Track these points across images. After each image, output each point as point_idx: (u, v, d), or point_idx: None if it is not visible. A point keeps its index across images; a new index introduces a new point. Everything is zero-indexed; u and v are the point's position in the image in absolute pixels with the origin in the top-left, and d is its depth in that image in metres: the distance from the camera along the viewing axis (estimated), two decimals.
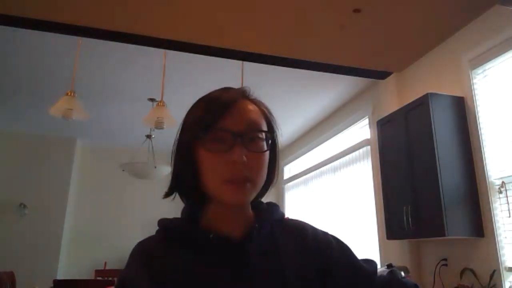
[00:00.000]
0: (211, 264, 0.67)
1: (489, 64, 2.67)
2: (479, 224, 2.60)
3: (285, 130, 5.21)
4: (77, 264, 5.60)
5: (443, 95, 2.83)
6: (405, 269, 2.88)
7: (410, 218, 2.80)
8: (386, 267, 2.98)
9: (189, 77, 3.81)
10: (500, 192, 2.53)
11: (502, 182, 2.52)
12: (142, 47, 3.12)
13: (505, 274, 2.44)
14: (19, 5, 2.62)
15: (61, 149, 5.75)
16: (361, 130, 4.23)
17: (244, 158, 0.65)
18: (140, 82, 3.96)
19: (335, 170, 4.66)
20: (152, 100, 4.22)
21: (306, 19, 2.78)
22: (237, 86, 0.77)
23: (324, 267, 0.73)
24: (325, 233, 0.80)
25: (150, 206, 4.97)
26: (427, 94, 2.80)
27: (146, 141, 4.50)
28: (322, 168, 4.95)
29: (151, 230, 0.75)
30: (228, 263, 0.68)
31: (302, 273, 0.71)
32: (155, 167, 4.18)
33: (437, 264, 2.89)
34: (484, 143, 2.66)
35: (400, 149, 3.01)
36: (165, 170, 4.25)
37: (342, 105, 4.52)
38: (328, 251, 0.76)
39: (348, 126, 4.44)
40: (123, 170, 4.40)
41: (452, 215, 2.56)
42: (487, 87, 2.70)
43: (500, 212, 2.54)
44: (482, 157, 2.65)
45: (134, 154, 4.65)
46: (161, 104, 3.31)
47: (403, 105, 3.10)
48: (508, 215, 2.46)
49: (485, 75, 2.73)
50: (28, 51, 3.44)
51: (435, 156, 2.66)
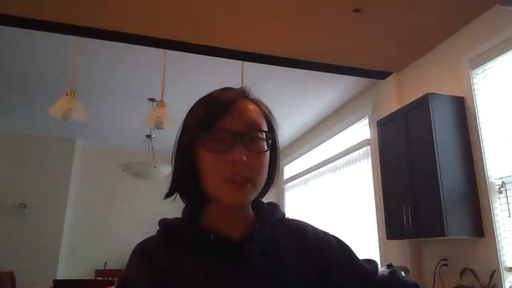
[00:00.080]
0: (211, 264, 0.67)
1: (489, 64, 2.67)
2: (479, 224, 2.60)
3: (285, 130, 5.20)
4: (77, 264, 5.60)
5: (443, 95, 2.83)
6: (405, 269, 2.88)
7: (410, 218, 2.80)
8: (386, 267, 2.98)
9: (189, 77, 3.81)
10: (500, 192, 2.53)
11: (502, 182, 2.52)
12: (142, 47, 3.12)
13: (505, 274, 2.44)
14: (19, 5, 2.62)
15: (61, 149, 5.75)
16: (361, 130, 4.23)
17: (244, 158, 0.65)
18: (140, 82, 3.96)
19: (335, 170, 4.66)
20: (152, 100, 4.22)
21: (306, 19, 2.79)
22: (237, 86, 0.77)
23: (324, 267, 0.73)
24: (326, 233, 0.80)
25: (150, 206, 4.98)
26: (427, 94, 2.80)
27: (146, 141, 4.50)
28: (322, 168, 4.95)
29: (151, 230, 0.75)
30: (228, 263, 0.68)
31: (302, 273, 0.71)
32: (155, 167, 4.18)
33: (437, 264, 2.89)
34: (484, 143, 2.66)
35: (400, 149, 3.01)
36: (165, 170, 4.25)
37: (342, 105, 4.52)
38: (328, 251, 0.76)
39: (348, 126, 4.44)
40: (123, 170, 4.40)
41: (452, 215, 2.56)
42: (487, 87, 2.70)
43: (500, 212, 2.54)
44: (482, 157, 2.65)
45: (134, 154, 4.65)
46: (161, 104, 3.31)
47: (403, 105, 3.10)
48: (508, 215, 2.46)
49: (485, 75, 2.73)
50: (28, 51, 3.44)
51: (435, 156, 2.66)
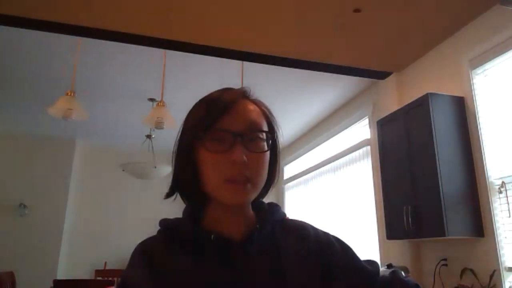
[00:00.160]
0: (212, 265, 0.67)
1: (489, 64, 2.67)
2: (479, 224, 2.60)
3: (285, 130, 5.20)
4: (77, 264, 5.60)
5: (443, 95, 2.83)
6: (405, 269, 2.88)
7: (410, 218, 2.80)
8: (386, 267, 2.98)
9: (189, 77, 3.81)
10: (500, 192, 2.53)
11: (502, 182, 2.52)
12: (142, 47, 3.12)
13: (505, 274, 2.44)
14: (19, 5, 2.62)
15: (61, 149, 5.75)
16: (361, 130, 4.23)
17: (244, 158, 0.65)
18: (140, 82, 3.96)
19: (335, 170, 4.66)
20: (152, 100, 4.22)
21: (306, 19, 2.78)
22: (237, 86, 0.77)
23: (325, 268, 0.73)
24: (327, 234, 0.80)
25: (150, 206, 4.97)
26: (427, 94, 2.80)
27: (146, 141, 4.50)
28: (322, 168, 4.95)
29: (151, 230, 0.75)
30: (229, 263, 0.68)
31: (303, 274, 0.71)
32: (155, 167, 4.18)
33: (437, 264, 2.89)
34: (484, 143, 2.66)
35: (400, 149, 3.01)
36: (165, 170, 4.26)
37: (342, 105, 4.52)
38: (329, 251, 0.76)
39: (348, 126, 4.44)
40: (123, 170, 4.40)
41: (452, 215, 2.56)
42: (487, 87, 2.70)
43: (500, 212, 2.54)
44: (482, 157, 2.65)
45: (134, 154, 4.65)
46: (161, 104, 3.31)
47: (403, 105, 3.10)
48: (508, 215, 2.46)
49: (485, 75, 2.73)
50: (28, 51, 3.43)
51: (435, 156, 2.66)
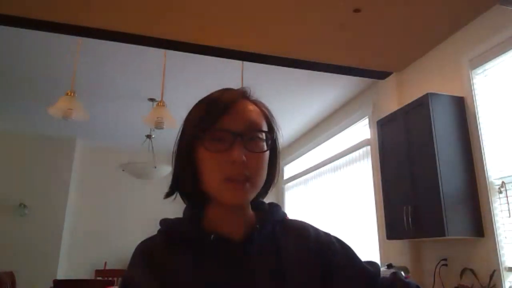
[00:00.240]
0: (212, 265, 0.67)
1: (489, 64, 2.67)
2: (479, 224, 2.60)
3: (285, 130, 5.21)
4: (77, 264, 5.60)
5: (443, 95, 2.83)
6: (405, 269, 2.88)
7: (410, 218, 2.80)
8: (386, 267, 2.98)
9: (189, 77, 3.81)
10: (500, 192, 2.53)
11: (502, 182, 2.52)
12: (142, 47, 3.12)
13: (505, 274, 2.44)
14: (19, 5, 2.62)
15: (61, 149, 5.74)
16: (361, 130, 4.23)
17: (244, 157, 0.66)
18: (140, 82, 3.96)
19: (335, 170, 4.66)
20: (152, 100, 4.22)
21: (306, 19, 2.79)
22: (237, 86, 0.77)
23: (326, 268, 0.73)
24: (327, 234, 0.80)
25: (150, 206, 4.98)
26: (427, 94, 2.80)
27: (146, 141, 4.50)
28: (322, 168, 4.95)
29: (151, 230, 0.75)
30: (229, 263, 0.68)
31: (303, 274, 0.71)
32: (155, 167, 4.18)
33: (437, 264, 2.89)
34: (484, 143, 2.66)
35: (400, 149, 3.01)
36: (165, 170, 4.26)
37: (342, 105, 4.52)
38: (330, 252, 0.76)
39: (348, 126, 4.44)
40: (123, 170, 4.40)
41: (452, 215, 2.56)
42: (487, 87, 2.70)
43: (500, 212, 2.54)
44: (482, 157, 2.65)
45: (134, 154, 4.66)
46: (161, 104, 3.31)
47: (403, 105, 3.10)
48: (508, 215, 2.46)
49: (485, 75, 2.73)
50: (28, 51, 3.44)
51: (435, 156, 2.66)
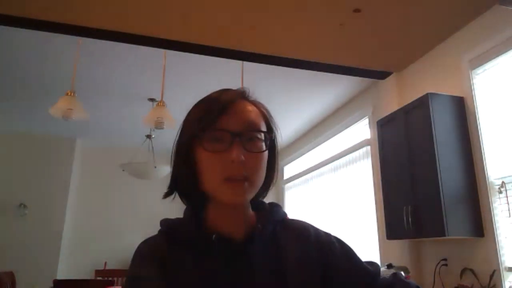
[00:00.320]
0: (213, 265, 0.68)
1: (489, 64, 2.67)
2: (479, 224, 2.60)
3: (285, 130, 5.21)
4: (77, 264, 5.60)
5: (443, 95, 2.83)
6: (405, 269, 2.88)
7: (410, 218, 2.80)
8: (386, 267, 2.98)
9: (189, 77, 3.81)
10: (500, 192, 2.53)
11: (502, 182, 2.52)
12: (142, 47, 3.12)
13: (505, 274, 2.44)
14: (19, 5, 2.62)
15: (61, 149, 5.75)
16: (361, 130, 4.23)
17: (242, 157, 0.66)
18: (140, 82, 3.96)
19: (335, 170, 4.66)
20: (152, 100, 4.23)
21: (306, 18, 2.79)
22: (237, 86, 0.77)
23: (326, 268, 0.74)
24: (328, 234, 0.80)
25: (150, 206, 4.98)
26: (427, 94, 2.80)
27: (146, 141, 4.51)
28: (322, 168, 4.95)
29: (151, 230, 0.75)
30: (230, 264, 0.68)
31: (303, 274, 0.71)
32: (155, 167, 4.18)
33: (437, 264, 2.89)
34: (484, 143, 2.66)
35: (400, 149, 3.01)
36: (165, 170, 4.25)
37: (342, 105, 4.52)
38: (330, 252, 0.76)
39: (348, 126, 4.45)
40: (123, 170, 4.40)
41: (452, 215, 2.56)
42: (487, 87, 2.70)
43: (500, 212, 2.54)
44: (482, 157, 2.65)
45: (134, 154, 4.65)
46: (161, 104, 3.31)
47: (403, 105, 3.10)
48: (508, 215, 2.46)
49: (485, 75, 2.73)
50: (28, 51, 3.44)
51: (435, 156, 2.66)
